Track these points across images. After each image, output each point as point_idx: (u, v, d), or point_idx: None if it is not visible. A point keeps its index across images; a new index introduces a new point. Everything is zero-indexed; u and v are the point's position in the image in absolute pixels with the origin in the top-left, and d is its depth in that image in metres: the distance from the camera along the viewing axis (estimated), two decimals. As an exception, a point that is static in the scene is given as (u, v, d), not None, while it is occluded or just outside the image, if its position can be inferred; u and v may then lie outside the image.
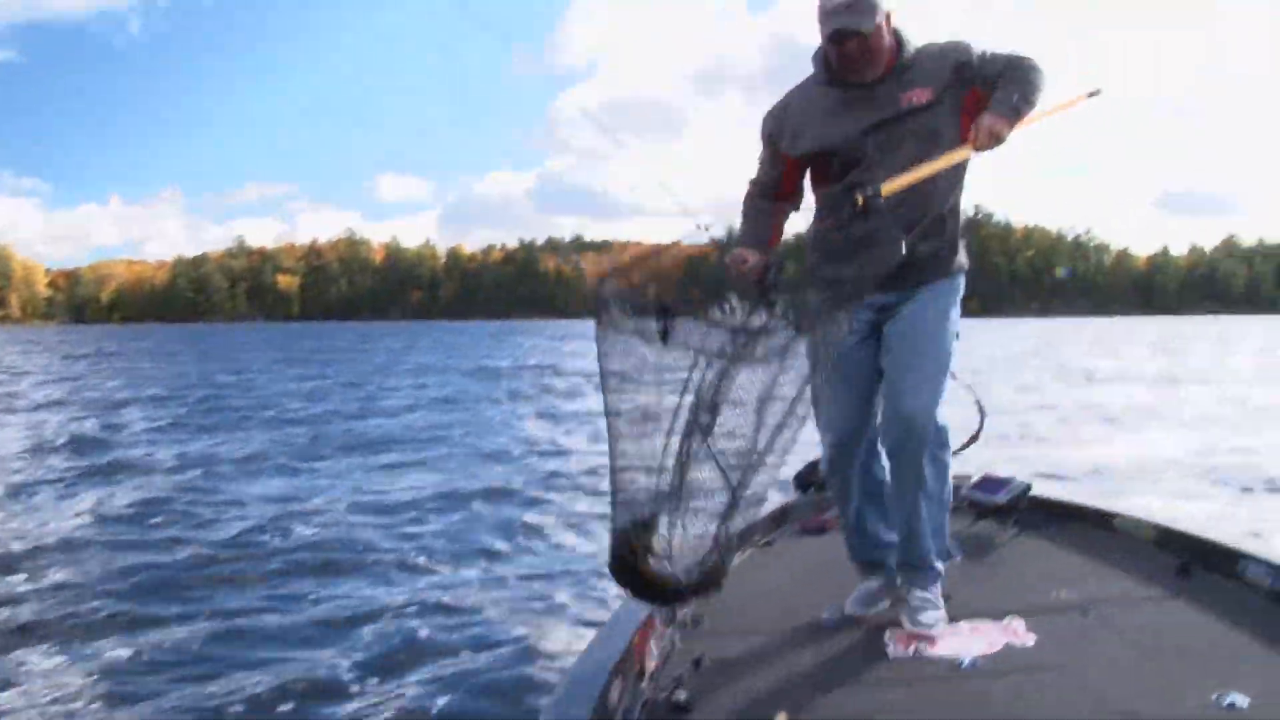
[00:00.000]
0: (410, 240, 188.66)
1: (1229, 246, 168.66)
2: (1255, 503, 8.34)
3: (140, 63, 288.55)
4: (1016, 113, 2.62)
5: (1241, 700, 2.09)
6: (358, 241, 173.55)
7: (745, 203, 3.02)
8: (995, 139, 2.60)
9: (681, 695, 2.28)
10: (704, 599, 2.35)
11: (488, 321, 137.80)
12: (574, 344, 50.68)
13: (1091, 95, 2.88)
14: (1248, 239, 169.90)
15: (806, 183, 2.99)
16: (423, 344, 51.46)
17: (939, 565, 2.91)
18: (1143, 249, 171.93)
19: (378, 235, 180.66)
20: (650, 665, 2.46)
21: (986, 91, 2.69)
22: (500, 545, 7.03)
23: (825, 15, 2.63)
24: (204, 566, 6.38)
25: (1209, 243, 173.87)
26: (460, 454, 11.69)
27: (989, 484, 3.85)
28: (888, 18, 2.68)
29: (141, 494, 8.93)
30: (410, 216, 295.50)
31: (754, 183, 3.02)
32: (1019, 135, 2.62)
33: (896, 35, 2.75)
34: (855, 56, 2.67)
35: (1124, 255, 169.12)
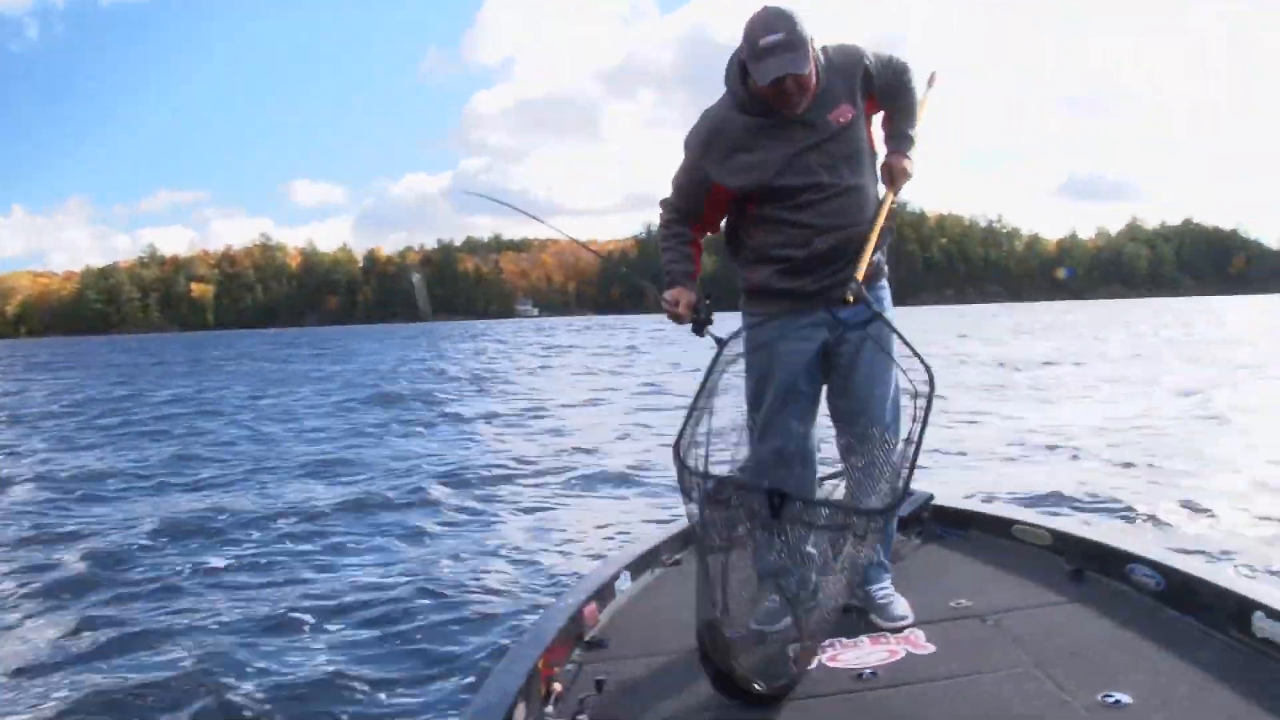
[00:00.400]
0: (327, 245, 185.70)
1: (1132, 230, 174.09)
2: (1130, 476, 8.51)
3: (40, 68, 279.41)
4: (913, 142, 2.90)
5: (1126, 698, 2.21)
6: (273, 247, 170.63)
7: (665, 230, 2.94)
8: (908, 177, 2.88)
9: (584, 718, 2.30)
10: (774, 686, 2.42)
11: (407, 324, 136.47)
12: (482, 343, 50.24)
13: (931, 85, 3.04)
14: (1150, 222, 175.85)
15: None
16: (332, 350, 50.70)
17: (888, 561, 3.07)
18: (1051, 234, 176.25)
19: (293, 241, 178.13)
20: (557, 688, 2.47)
21: (880, 99, 2.87)
22: (393, 562, 6.70)
23: (759, 56, 2.57)
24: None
25: (1114, 226, 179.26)
26: (350, 465, 11.20)
27: None
28: (812, 45, 2.66)
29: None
30: (325, 221, 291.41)
31: (673, 208, 2.93)
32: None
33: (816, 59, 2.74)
34: (792, 94, 2.65)
35: (1034, 240, 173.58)
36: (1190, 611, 2.67)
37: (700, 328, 2.78)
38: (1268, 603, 2.42)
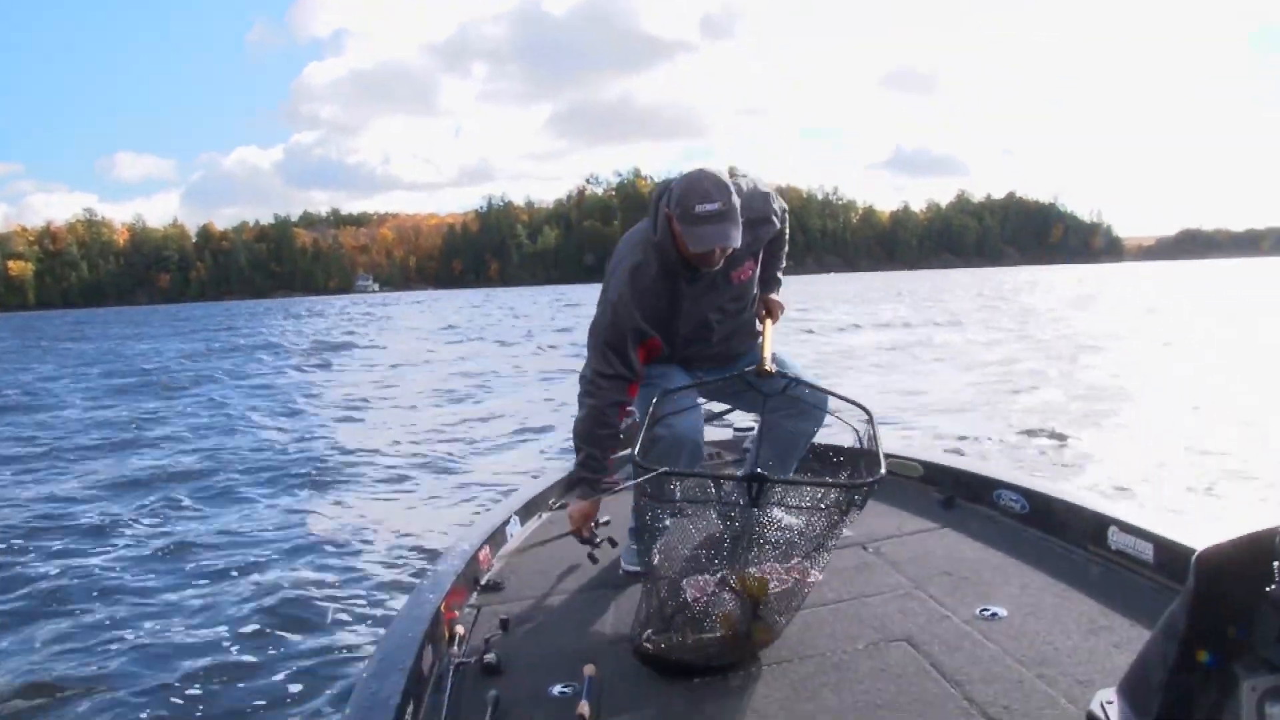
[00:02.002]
0: (156, 221, 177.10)
1: (961, 202, 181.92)
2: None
3: None
4: (782, 281, 3.13)
5: (1001, 610, 2.39)
6: (98, 223, 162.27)
7: (599, 417, 2.75)
8: (783, 311, 3.08)
9: (491, 657, 2.31)
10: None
11: (243, 301, 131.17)
12: (316, 323, 48.30)
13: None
14: (977, 195, 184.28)
15: None
16: (152, 329, 48.65)
17: None
18: (883, 206, 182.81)
19: (120, 216, 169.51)
20: (459, 630, 2.49)
21: (770, 244, 2.97)
22: (289, 523, 6.72)
23: (694, 222, 2.55)
24: None
25: (943, 199, 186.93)
26: (230, 438, 11.07)
27: None
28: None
29: None
30: (152, 197, 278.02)
31: (614, 377, 2.74)
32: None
33: None
34: (716, 259, 2.65)
35: (869, 212, 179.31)
36: (1052, 531, 2.90)
37: (589, 543, 2.84)
38: (1120, 518, 2.67)
